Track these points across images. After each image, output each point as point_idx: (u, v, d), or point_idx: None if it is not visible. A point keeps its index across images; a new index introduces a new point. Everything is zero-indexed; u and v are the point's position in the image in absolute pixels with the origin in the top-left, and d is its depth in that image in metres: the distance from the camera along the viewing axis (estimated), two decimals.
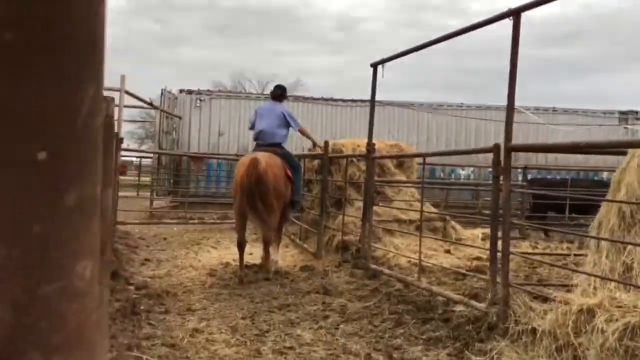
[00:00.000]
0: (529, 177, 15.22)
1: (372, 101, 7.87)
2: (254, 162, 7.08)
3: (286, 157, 8.15)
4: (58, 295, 0.64)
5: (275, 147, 8.11)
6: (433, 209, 10.67)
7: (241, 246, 7.39)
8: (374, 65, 7.58)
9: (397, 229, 8.97)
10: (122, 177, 18.56)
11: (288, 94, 10.90)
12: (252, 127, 8.60)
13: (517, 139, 18.63)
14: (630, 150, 4.53)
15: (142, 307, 5.55)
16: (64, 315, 0.64)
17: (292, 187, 8.02)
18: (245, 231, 7.72)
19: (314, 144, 9.54)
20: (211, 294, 6.45)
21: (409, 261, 7.78)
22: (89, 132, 0.66)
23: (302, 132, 9.00)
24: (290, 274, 7.58)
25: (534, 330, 4.15)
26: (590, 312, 3.75)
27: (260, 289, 6.70)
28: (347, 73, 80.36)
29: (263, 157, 7.37)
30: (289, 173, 7.94)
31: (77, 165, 0.65)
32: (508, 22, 4.81)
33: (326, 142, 9.37)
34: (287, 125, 8.41)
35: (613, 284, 3.96)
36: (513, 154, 4.89)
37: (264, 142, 8.24)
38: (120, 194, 12.63)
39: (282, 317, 5.47)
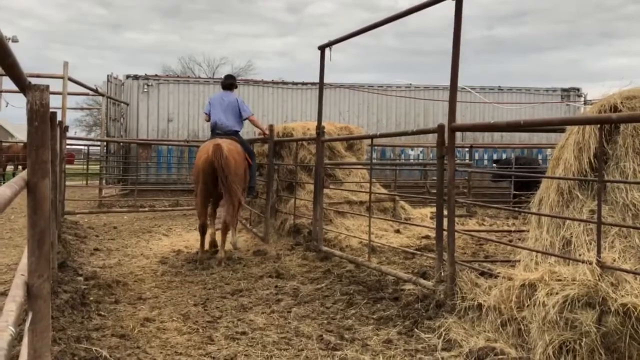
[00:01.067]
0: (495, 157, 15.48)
1: (321, 84, 7.85)
2: (217, 148, 7.24)
3: (243, 144, 8.35)
4: None
5: (232, 135, 8.30)
6: (383, 190, 10.78)
7: (203, 229, 7.69)
8: (322, 48, 7.56)
9: (348, 211, 9.04)
10: (69, 166, 18.06)
11: (239, 77, 10.96)
12: (208, 119, 8.66)
13: (465, 119, 18.94)
14: (568, 128, 4.65)
15: (91, 298, 5.45)
16: None
17: (249, 173, 8.22)
18: (207, 215, 7.91)
19: (263, 133, 9.52)
20: (163, 282, 6.37)
21: (360, 242, 7.86)
22: None
23: (251, 121, 9.08)
24: (243, 259, 7.55)
25: (479, 306, 4.25)
26: (532, 287, 3.86)
27: (213, 275, 6.66)
28: (298, 56, 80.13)
29: (224, 142, 7.53)
30: (249, 159, 8.20)
31: None
32: (451, 3, 4.84)
33: (271, 126, 9.40)
34: (240, 113, 8.56)
35: (553, 258, 4.08)
36: (460, 133, 4.96)
37: (221, 131, 8.36)
38: (67, 183, 12.32)
39: (234, 303, 5.45)
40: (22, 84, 2.51)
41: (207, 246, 7.80)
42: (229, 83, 8.81)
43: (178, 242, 8.93)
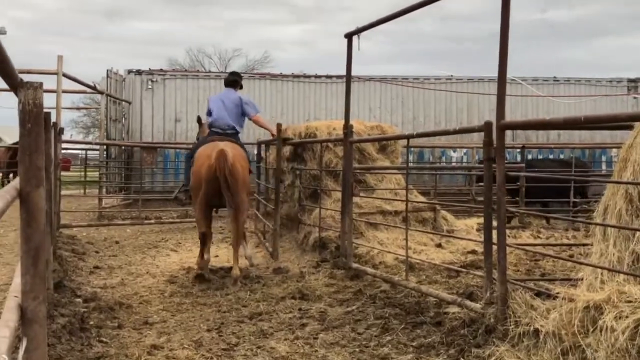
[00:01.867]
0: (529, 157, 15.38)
1: (348, 77, 7.86)
2: (221, 154, 7.29)
3: (243, 147, 8.43)
4: None
5: (231, 137, 8.36)
6: (421, 198, 10.74)
7: (204, 238, 7.81)
8: (349, 36, 7.56)
9: (381, 222, 9.01)
10: (65, 174, 18.32)
11: (255, 70, 11.21)
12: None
13: (515, 115, 18.80)
14: (637, 124, 4.57)
15: (91, 323, 5.51)
16: None
17: None
18: (210, 224, 8.03)
19: (271, 134, 9.57)
20: (171, 304, 6.42)
21: (396, 258, 7.82)
22: None
23: (256, 122, 9.19)
24: (262, 277, 7.58)
25: (536, 332, 4.19)
26: (597, 309, 3.79)
27: (228, 296, 6.70)
28: (321, 45, 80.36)
29: (227, 147, 7.57)
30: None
31: None
32: None
33: (279, 125, 9.43)
34: (243, 113, 8.72)
35: (622, 276, 4.01)
36: (510, 132, 4.92)
37: (220, 129, 8.49)
38: (63, 192, 12.51)
39: (253, 328, 5.46)
40: (14, 82, 2.56)
41: (206, 256, 7.77)
42: (233, 80, 9.02)
43: (188, 259, 8.99)
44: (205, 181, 7.47)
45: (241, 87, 9.11)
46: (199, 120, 9.42)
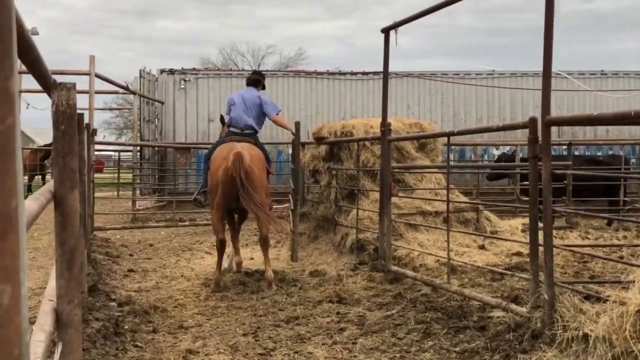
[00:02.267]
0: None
1: (385, 73, 7.83)
2: (238, 157, 7.25)
3: (262, 148, 8.42)
4: None
5: (249, 137, 8.34)
6: (463, 198, 10.64)
7: (222, 246, 7.70)
8: (386, 31, 7.54)
9: (421, 223, 8.95)
10: (98, 175, 18.61)
11: (289, 68, 11.44)
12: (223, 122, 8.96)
13: (561, 110, 18.53)
14: None
15: (126, 327, 5.58)
16: None
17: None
18: (225, 231, 8.03)
19: (292, 133, 9.64)
20: (207, 308, 6.47)
21: (437, 260, 7.77)
22: None
23: (276, 122, 9.17)
24: (299, 280, 7.60)
25: (585, 337, 4.13)
26: None
27: (264, 300, 6.73)
28: (356, 41, 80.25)
29: (244, 149, 7.55)
30: (267, 166, 8.23)
31: None
32: None
33: (297, 124, 9.63)
34: (263, 113, 8.74)
35: None
36: (556, 128, 4.86)
37: (237, 128, 8.49)
38: (97, 194, 12.71)
39: (290, 332, 5.48)
40: (47, 83, 2.60)
41: (225, 265, 7.87)
42: (255, 79, 9.06)
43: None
44: (222, 183, 7.43)
45: (264, 88, 9.15)
46: (221, 119, 9.44)
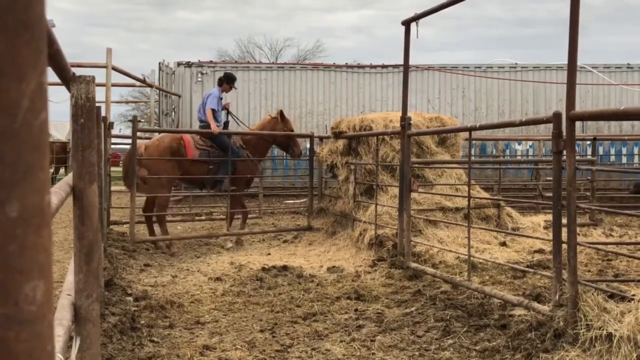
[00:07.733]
0: None
1: (406, 66, 7.82)
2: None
3: (213, 139, 10.36)
4: (2, 323, 0.64)
5: (205, 129, 10.55)
6: (484, 194, 10.61)
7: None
8: (406, 23, 7.52)
9: (441, 219, 8.94)
10: (115, 169, 18.72)
11: (307, 61, 12.93)
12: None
13: (585, 105, 18.42)
14: None
15: (142, 322, 5.63)
16: (11, 347, 0.64)
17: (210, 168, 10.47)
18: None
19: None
20: (223, 304, 6.51)
21: (457, 257, 7.77)
22: (31, 130, 0.66)
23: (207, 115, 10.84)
24: (316, 276, 7.62)
25: (609, 336, 4.11)
26: None
27: (281, 296, 6.75)
28: (377, 32, 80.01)
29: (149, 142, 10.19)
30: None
31: (17, 170, 0.65)
32: None
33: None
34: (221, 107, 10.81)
35: None
36: (581, 123, 4.83)
37: (202, 122, 10.82)
38: (113, 188, 12.79)
39: (307, 329, 5.50)
40: (66, 76, 2.63)
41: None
42: (219, 79, 11.04)
43: (240, 257, 9.10)
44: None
45: (230, 88, 11.00)
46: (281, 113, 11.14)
